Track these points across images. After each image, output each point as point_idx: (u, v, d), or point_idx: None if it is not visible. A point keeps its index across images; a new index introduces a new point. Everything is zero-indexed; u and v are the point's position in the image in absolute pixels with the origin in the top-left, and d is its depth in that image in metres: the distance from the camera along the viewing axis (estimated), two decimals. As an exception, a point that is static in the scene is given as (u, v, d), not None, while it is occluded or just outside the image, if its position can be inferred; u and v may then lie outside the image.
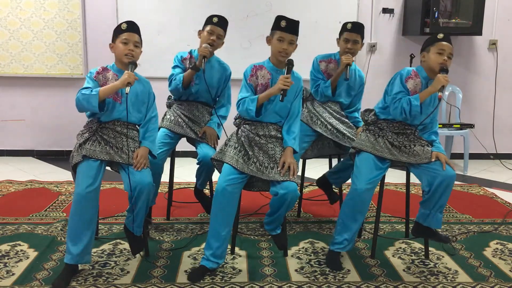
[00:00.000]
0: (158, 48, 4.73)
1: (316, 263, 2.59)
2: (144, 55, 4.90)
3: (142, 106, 2.56)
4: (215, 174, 2.74)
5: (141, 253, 2.60)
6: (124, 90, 2.37)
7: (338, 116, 3.05)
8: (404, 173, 2.80)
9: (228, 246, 2.64)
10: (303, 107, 3.09)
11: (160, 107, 2.74)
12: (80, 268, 2.43)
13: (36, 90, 4.90)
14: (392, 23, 4.94)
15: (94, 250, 2.64)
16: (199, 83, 2.96)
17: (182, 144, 3.27)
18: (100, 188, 2.41)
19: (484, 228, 3.11)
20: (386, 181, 2.75)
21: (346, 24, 2.99)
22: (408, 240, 2.88)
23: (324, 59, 3.08)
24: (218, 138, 3.04)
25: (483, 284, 2.38)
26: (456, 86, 4.89)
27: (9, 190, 3.80)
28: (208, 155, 2.83)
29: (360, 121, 3.08)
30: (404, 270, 2.52)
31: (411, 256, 2.70)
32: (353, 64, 3.00)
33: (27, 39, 4.74)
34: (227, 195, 2.39)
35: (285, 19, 2.45)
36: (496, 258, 2.67)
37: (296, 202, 3.31)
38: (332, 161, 3.45)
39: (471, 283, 2.40)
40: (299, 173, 3.14)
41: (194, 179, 3.13)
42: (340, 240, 2.52)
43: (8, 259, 2.57)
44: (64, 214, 3.24)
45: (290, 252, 2.71)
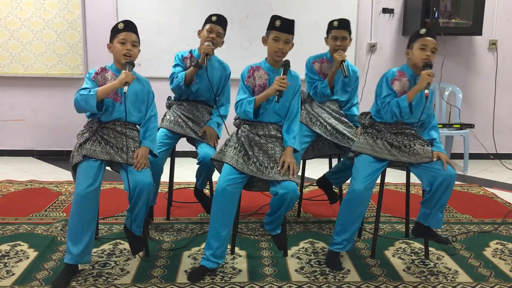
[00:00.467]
0: (158, 48, 4.73)
1: (316, 263, 2.59)
2: (144, 55, 4.90)
3: (142, 105, 2.56)
4: (215, 174, 2.74)
5: (140, 254, 2.59)
6: (122, 90, 2.37)
7: (337, 116, 3.05)
8: (404, 173, 2.80)
9: (228, 246, 2.64)
10: (302, 109, 3.09)
11: (160, 107, 2.75)
12: (80, 268, 2.43)
13: (36, 90, 4.90)
14: (392, 23, 4.94)
15: (94, 250, 2.64)
16: (199, 82, 2.96)
17: (182, 144, 3.28)
18: (101, 188, 2.41)
19: (484, 228, 3.11)
20: (386, 181, 2.75)
21: (332, 22, 3.00)
22: (408, 240, 2.88)
23: (317, 59, 3.08)
24: (218, 137, 3.04)
25: (483, 284, 2.38)
26: (456, 86, 4.89)
27: (9, 190, 3.80)
28: (208, 155, 2.83)
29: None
30: (404, 270, 2.52)
31: (411, 256, 2.69)
32: (346, 60, 3.01)
33: (27, 39, 4.74)
34: (227, 195, 2.39)
35: (279, 18, 2.45)
36: (496, 258, 2.67)
37: (296, 202, 3.33)
38: (332, 161, 3.45)
39: (471, 283, 2.40)
40: (299, 173, 3.14)
41: (194, 179, 3.13)
42: (340, 240, 2.52)
43: (8, 259, 2.57)
44: (64, 214, 3.24)
45: (290, 252, 2.71)
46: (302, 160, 3.23)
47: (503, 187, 4.16)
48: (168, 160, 3.12)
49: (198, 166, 2.97)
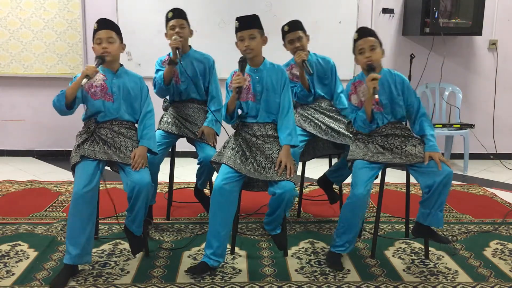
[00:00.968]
0: (158, 48, 4.68)
1: (316, 263, 2.59)
2: (144, 55, 4.90)
3: (135, 102, 2.55)
4: (216, 175, 2.74)
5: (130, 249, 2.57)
6: (112, 89, 2.38)
7: (330, 114, 3.04)
8: (404, 173, 2.80)
9: (228, 246, 2.64)
10: (295, 112, 3.09)
11: (158, 108, 2.74)
12: (80, 268, 2.43)
13: (36, 90, 4.90)
14: (392, 23, 4.94)
15: (94, 250, 2.64)
16: (184, 80, 2.97)
17: (182, 144, 3.28)
18: (100, 188, 2.41)
19: (484, 228, 3.11)
20: (386, 181, 2.75)
21: (283, 27, 3.00)
22: (408, 240, 2.88)
23: (286, 67, 3.06)
24: (218, 134, 3.03)
25: (483, 284, 2.38)
26: (456, 86, 4.89)
27: (9, 190, 3.80)
28: (208, 155, 2.83)
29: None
30: (404, 270, 2.52)
31: (411, 256, 2.69)
32: (312, 55, 3.04)
33: (27, 39, 4.74)
34: (225, 194, 2.39)
35: (237, 19, 2.49)
36: (496, 258, 2.67)
37: (296, 202, 3.33)
38: (332, 160, 3.44)
39: (471, 283, 2.40)
40: (299, 173, 3.14)
41: (194, 179, 3.13)
42: (342, 243, 2.52)
43: (8, 259, 2.57)
44: (64, 214, 3.24)
45: (290, 252, 2.71)
46: (301, 161, 3.23)
47: (503, 187, 4.16)
48: (168, 160, 3.13)
49: (199, 166, 2.97)
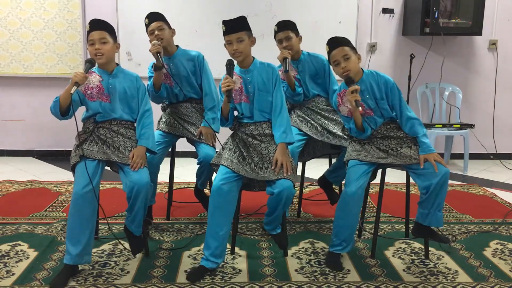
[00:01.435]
0: (158, 48, 4.71)
1: (316, 263, 2.59)
2: (144, 55, 4.88)
3: (132, 102, 2.54)
4: (216, 175, 2.74)
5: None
6: (108, 90, 2.38)
7: (326, 114, 3.04)
8: (404, 173, 2.80)
9: (228, 246, 2.64)
10: (292, 113, 3.09)
11: (157, 108, 2.74)
12: (80, 268, 2.43)
13: (36, 90, 4.90)
14: (392, 23, 4.94)
15: (94, 250, 2.64)
16: (176, 81, 2.98)
17: (182, 144, 3.28)
18: (99, 188, 2.41)
19: (484, 228, 3.11)
20: (386, 181, 2.75)
21: (274, 27, 3.01)
22: (408, 240, 2.88)
23: (279, 68, 3.02)
24: (217, 132, 3.02)
25: (483, 284, 2.38)
26: (456, 86, 4.89)
27: (9, 190, 3.80)
28: (208, 155, 2.83)
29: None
30: (404, 270, 2.52)
31: (411, 256, 2.69)
32: (305, 54, 3.05)
33: (27, 39, 4.75)
34: (223, 194, 2.39)
35: (224, 22, 2.47)
36: (496, 258, 2.67)
37: (296, 202, 3.33)
38: (332, 160, 3.44)
39: (471, 283, 2.40)
40: (299, 172, 3.14)
41: (194, 179, 3.13)
42: (338, 242, 2.52)
43: (8, 259, 2.57)
44: (64, 214, 3.24)
45: (290, 252, 2.71)
46: (301, 161, 3.23)
47: (503, 187, 4.16)
48: (168, 160, 3.13)
49: (199, 166, 2.97)
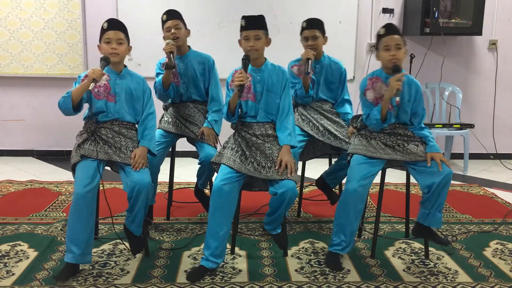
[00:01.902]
0: (158, 48, 4.68)
1: (316, 263, 2.59)
2: (145, 55, 4.89)
3: (137, 104, 2.55)
4: (216, 175, 2.74)
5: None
6: (115, 90, 2.37)
7: (329, 115, 3.04)
8: (404, 173, 2.80)
9: (228, 246, 2.64)
10: (295, 111, 3.09)
11: (158, 107, 2.74)
12: (80, 268, 2.43)
13: (36, 90, 4.90)
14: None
15: (94, 250, 2.64)
16: (184, 81, 2.98)
17: (182, 144, 3.27)
18: (99, 188, 2.41)
19: (484, 228, 3.11)
20: (386, 181, 2.75)
21: (303, 23, 3.01)
22: (408, 240, 2.88)
23: (295, 63, 3.06)
24: (217, 134, 3.03)
25: (483, 284, 2.38)
26: (456, 86, 4.89)
27: (9, 190, 3.80)
28: (209, 155, 2.83)
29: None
30: (404, 270, 2.52)
31: (411, 256, 2.69)
32: (325, 57, 3.04)
33: (27, 39, 4.74)
34: (224, 194, 2.38)
35: (244, 18, 2.48)
36: (496, 258, 2.67)
37: (296, 202, 3.33)
38: (332, 160, 3.44)
39: (471, 283, 2.40)
40: (299, 173, 3.14)
41: (194, 179, 3.13)
42: (338, 241, 2.52)
43: (8, 259, 2.57)
44: (64, 214, 3.24)
45: (290, 252, 2.71)
46: (302, 161, 3.23)
47: (503, 187, 4.16)
48: (168, 160, 3.12)
49: (199, 166, 2.97)
